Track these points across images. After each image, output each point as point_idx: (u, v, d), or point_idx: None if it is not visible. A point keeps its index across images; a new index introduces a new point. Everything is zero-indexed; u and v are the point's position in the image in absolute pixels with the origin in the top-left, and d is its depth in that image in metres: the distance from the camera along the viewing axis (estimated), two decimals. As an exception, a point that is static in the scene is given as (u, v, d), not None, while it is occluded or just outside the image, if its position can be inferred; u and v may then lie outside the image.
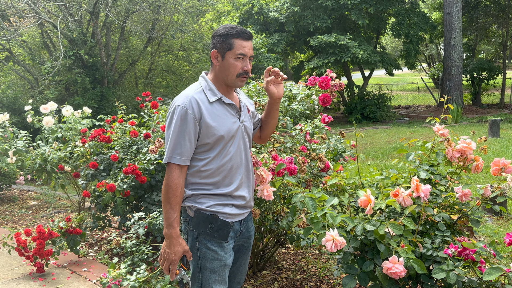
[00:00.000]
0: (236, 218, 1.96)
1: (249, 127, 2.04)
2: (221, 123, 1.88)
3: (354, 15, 14.83)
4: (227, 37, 1.87)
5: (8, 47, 10.18)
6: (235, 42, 1.87)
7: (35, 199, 6.69)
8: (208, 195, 1.90)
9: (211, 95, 1.90)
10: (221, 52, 1.89)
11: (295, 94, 3.23)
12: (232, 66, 1.88)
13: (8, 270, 3.88)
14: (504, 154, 7.97)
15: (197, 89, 1.91)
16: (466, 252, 1.94)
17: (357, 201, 2.40)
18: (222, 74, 1.91)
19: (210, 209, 1.88)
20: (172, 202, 1.83)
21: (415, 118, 15.83)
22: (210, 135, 1.86)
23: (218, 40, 1.90)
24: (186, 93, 1.90)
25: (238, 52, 1.87)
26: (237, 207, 1.96)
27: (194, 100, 1.85)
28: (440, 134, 2.25)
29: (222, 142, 1.88)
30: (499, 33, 19.40)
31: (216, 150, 1.88)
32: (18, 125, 8.69)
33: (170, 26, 11.78)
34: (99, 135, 4.20)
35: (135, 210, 4.00)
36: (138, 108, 9.77)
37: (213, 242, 1.90)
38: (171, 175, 1.84)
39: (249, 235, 2.08)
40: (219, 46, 1.89)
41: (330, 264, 3.72)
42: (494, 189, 2.20)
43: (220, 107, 1.91)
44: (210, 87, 1.92)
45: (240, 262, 2.11)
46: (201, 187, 1.90)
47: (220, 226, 1.88)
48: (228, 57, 1.88)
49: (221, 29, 1.90)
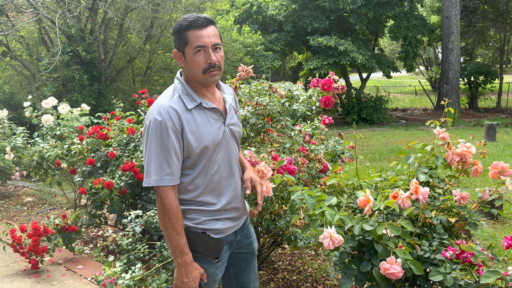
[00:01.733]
0: (230, 231, 1.83)
1: (236, 130, 1.84)
2: (204, 132, 1.68)
3: (353, 19, 14.87)
4: (180, 32, 1.66)
5: (5, 42, 10.12)
6: (189, 34, 1.64)
7: (30, 195, 6.65)
8: (199, 211, 1.74)
9: (190, 101, 1.68)
10: (181, 50, 1.69)
11: (295, 95, 3.22)
12: (194, 63, 1.66)
13: (2, 267, 3.86)
14: (501, 158, 8.01)
15: (173, 96, 1.69)
16: (464, 255, 1.94)
17: (355, 202, 2.40)
18: (190, 73, 1.71)
19: (201, 226, 1.73)
20: (177, 227, 1.64)
21: (412, 121, 15.88)
22: (194, 147, 1.66)
23: (175, 37, 1.70)
24: (161, 104, 1.66)
25: (194, 45, 1.64)
26: (231, 220, 1.82)
27: (172, 111, 1.63)
28: (441, 137, 2.25)
29: (207, 153, 1.69)
30: (496, 38, 19.48)
31: (202, 162, 1.70)
32: (15, 120, 8.66)
33: (169, 24, 11.76)
34: (96, 133, 4.19)
35: (132, 208, 3.99)
36: (135, 106, 9.76)
37: (203, 259, 1.76)
38: (168, 198, 1.63)
39: (250, 241, 1.97)
40: (177, 44, 1.70)
41: (327, 265, 3.72)
42: (492, 193, 2.20)
43: (201, 113, 1.70)
44: (187, 91, 1.70)
45: (249, 270, 2.00)
46: (190, 202, 1.74)
47: (211, 244, 1.74)
48: (187, 54, 1.67)
49: (176, 24, 1.69)
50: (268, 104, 3.16)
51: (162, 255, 3.16)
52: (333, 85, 2.68)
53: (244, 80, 3.23)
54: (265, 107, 3.12)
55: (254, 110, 3.06)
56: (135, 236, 3.41)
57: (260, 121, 3.13)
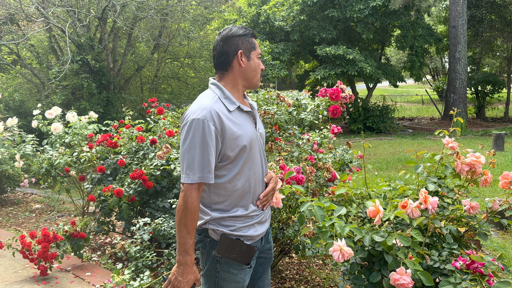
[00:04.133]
0: (260, 237, 1.86)
1: (263, 135, 1.94)
2: (243, 132, 1.76)
3: (360, 28, 14.94)
4: (247, 36, 1.82)
5: (16, 50, 10.28)
6: (254, 42, 1.84)
7: (38, 202, 6.70)
8: (235, 217, 1.77)
9: (230, 104, 1.77)
10: (247, 53, 1.82)
11: (303, 104, 3.24)
12: (258, 66, 1.84)
13: (11, 273, 3.88)
14: (510, 168, 7.95)
15: (213, 98, 1.76)
16: (474, 265, 1.93)
17: (364, 212, 2.40)
18: (248, 76, 1.83)
19: (236, 233, 1.77)
20: (189, 226, 1.68)
21: (419, 130, 15.83)
22: (234, 147, 1.72)
23: (240, 40, 1.81)
24: (203, 104, 1.72)
25: (258, 52, 1.85)
26: (260, 224, 1.85)
27: (214, 112, 1.70)
28: (450, 147, 2.25)
29: (244, 154, 1.75)
30: (504, 47, 19.44)
31: (240, 163, 1.75)
32: (24, 128, 8.75)
33: (177, 34, 11.88)
34: (106, 140, 4.23)
35: (140, 215, 4.01)
36: (143, 114, 9.83)
37: (235, 265, 1.80)
38: (190, 196, 1.67)
39: (270, 246, 2.01)
40: (243, 46, 1.81)
41: (334, 275, 3.71)
42: (502, 203, 2.19)
43: (240, 115, 1.79)
44: (226, 95, 1.78)
45: (265, 275, 2.03)
46: (226, 208, 1.77)
47: (245, 251, 1.78)
48: (253, 57, 1.83)
49: (236, 30, 1.81)
50: (275, 113, 3.18)
51: (170, 263, 3.17)
52: (341, 94, 2.70)
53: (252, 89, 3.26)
54: (273, 116, 3.15)
55: (262, 119, 3.08)
56: (143, 244, 3.42)
57: (268, 129, 3.15)
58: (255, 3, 17.27)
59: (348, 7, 14.88)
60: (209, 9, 12.51)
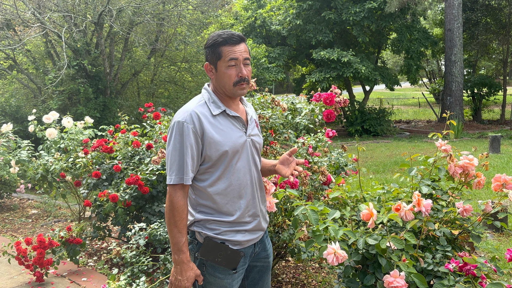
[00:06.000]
0: (249, 243, 1.85)
1: (258, 141, 1.92)
2: (226, 137, 1.76)
3: (356, 32, 15.00)
4: (214, 46, 1.79)
5: (12, 56, 10.27)
6: (224, 49, 1.77)
7: (35, 207, 6.68)
8: (218, 222, 1.78)
9: (215, 108, 1.79)
10: (213, 63, 1.81)
11: (298, 108, 3.25)
12: (226, 76, 1.78)
13: (7, 279, 3.87)
14: (505, 170, 7.98)
15: (199, 102, 1.81)
16: (467, 268, 1.94)
17: (358, 215, 2.41)
18: (219, 85, 1.82)
19: (221, 236, 1.78)
20: (179, 225, 1.72)
21: (415, 133, 15.87)
22: (214, 151, 1.74)
23: (208, 51, 1.82)
24: (187, 108, 1.78)
25: (227, 59, 1.77)
26: (250, 232, 1.84)
27: (194, 114, 1.74)
28: (443, 149, 2.26)
29: (226, 159, 1.76)
30: (499, 50, 19.55)
31: (221, 167, 1.77)
32: (20, 133, 8.74)
33: (174, 38, 11.90)
34: (101, 146, 4.22)
35: (136, 220, 4.00)
36: (140, 118, 9.83)
37: (221, 269, 1.79)
38: (175, 196, 1.72)
39: (266, 254, 1.99)
40: (209, 57, 1.82)
41: (331, 278, 3.71)
42: (495, 205, 2.20)
43: (225, 120, 1.80)
44: (214, 99, 1.81)
45: (262, 283, 2.02)
46: (210, 211, 1.79)
47: (229, 255, 1.78)
48: (220, 67, 1.79)
49: (209, 39, 1.82)
50: (270, 117, 3.19)
51: (166, 267, 3.16)
52: (335, 99, 2.71)
53: (247, 93, 3.27)
54: (268, 120, 3.15)
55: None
56: (139, 249, 3.42)
57: (263, 133, 3.15)
58: (252, 8, 17.34)
59: (344, 10, 14.95)
60: (205, 13, 12.54)
